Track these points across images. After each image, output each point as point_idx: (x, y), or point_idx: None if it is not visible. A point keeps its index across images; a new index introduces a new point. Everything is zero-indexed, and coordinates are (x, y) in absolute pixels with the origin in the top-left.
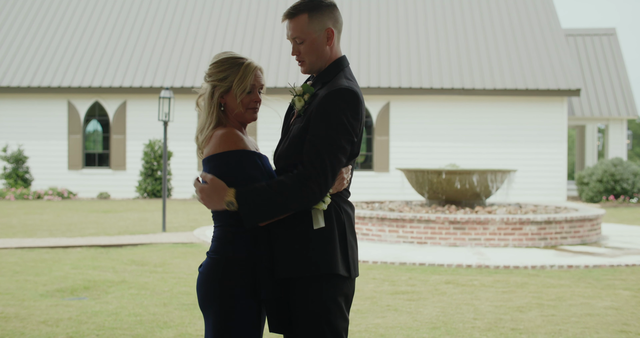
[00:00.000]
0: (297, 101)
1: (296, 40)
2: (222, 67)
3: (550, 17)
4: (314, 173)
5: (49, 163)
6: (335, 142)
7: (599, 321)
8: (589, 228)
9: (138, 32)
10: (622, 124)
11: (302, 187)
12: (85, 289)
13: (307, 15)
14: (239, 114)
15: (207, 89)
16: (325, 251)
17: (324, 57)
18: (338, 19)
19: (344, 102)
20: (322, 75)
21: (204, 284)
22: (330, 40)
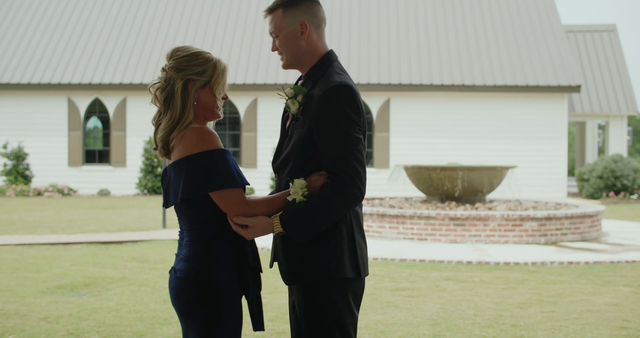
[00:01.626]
0: (291, 104)
1: (272, 34)
2: (197, 60)
3: (550, 13)
4: (347, 178)
5: (49, 159)
6: (349, 140)
7: (599, 317)
8: (589, 224)
9: (138, 29)
10: (623, 121)
11: (342, 194)
12: (86, 286)
13: (282, 9)
14: (211, 111)
15: (177, 83)
16: (334, 255)
17: (300, 51)
18: (316, 14)
19: (341, 98)
20: (311, 73)
21: (187, 290)
22: (304, 34)
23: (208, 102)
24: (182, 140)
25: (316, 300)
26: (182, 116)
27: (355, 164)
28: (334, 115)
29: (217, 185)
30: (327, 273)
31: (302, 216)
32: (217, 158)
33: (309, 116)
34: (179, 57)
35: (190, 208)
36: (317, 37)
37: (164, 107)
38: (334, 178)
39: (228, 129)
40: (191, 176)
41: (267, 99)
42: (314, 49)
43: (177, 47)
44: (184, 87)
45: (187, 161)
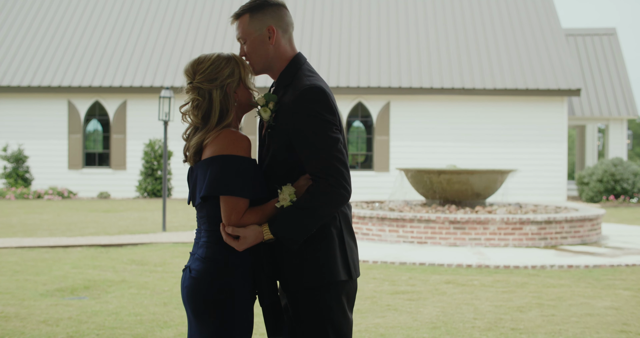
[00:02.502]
0: (262, 112)
1: (240, 40)
2: (222, 65)
3: (550, 16)
4: (331, 179)
5: (49, 162)
6: (328, 141)
7: (599, 321)
8: (589, 228)
9: (138, 32)
10: (622, 124)
11: (329, 196)
12: (86, 289)
13: (249, 15)
14: (247, 106)
15: (215, 94)
16: (327, 259)
17: (268, 56)
18: (283, 18)
19: (313, 101)
20: (281, 78)
21: (201, 291)
22: (272, 38)
23: (246, 97)
24: (217, 139)
25: (311, 305)
26: (222, 120)
27: (338, 164)
28: (308, 119)
29: (227, 190)
30: (321, 277)
31: (290, 221)
32: (241, 164)
33: (284, 124)
34: (204, 69)
35: (212, 208)
36: (285, 42)
37: (202, 122)
38: (319, 181)
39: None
40: (214, 176)
41: None
42: (283, 53)
43: (194, 60)
44: (224, 94)
45: (215, 160)
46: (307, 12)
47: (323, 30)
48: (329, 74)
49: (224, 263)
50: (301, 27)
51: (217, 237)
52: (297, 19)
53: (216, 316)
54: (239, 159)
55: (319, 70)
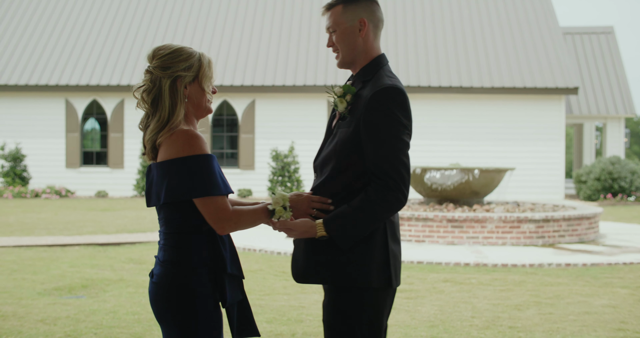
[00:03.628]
0: (339, 102)
1: (330, 29)
2: (182, 56)
3: (548, 15)
4: (392, 182)
5: (46, 161)
6: (397, 143)
7: (597, 319)
8: (587, 226)
9: (136, 30)
10: (620, 123)
11: (387, 199)
12: (83, 287)
13: (342, 6)
14: (202, 106)
15: (164, 83)
16: (363, 262)
17: (357, 48)
18: (375, 13)
19: (392, 101)
20: (362, 73)
21: (162, 295)
22: (363, 31)
23: (198, 97)
24: (169, 141)
25: (340, 305)
26: (172, 114)
27: (401, 168)
28: (384, 117)
29: (201, 192)
30: (353, 280)
31: (345, 220)
32: (202, 163)
33: (356, 116)
34: (162, 55)
35: (170, 211)
36: (374, 37)
37: (152, 109)
38: (377, 182)
39: (226, 131)
40: (176, 181)
41: (265, 101)
42: (369, 48)
43: (158, 46)
44: (172, 85)
45: (172, 164)
46: (310, 12)
47: (321, 28)
48: (334, 73)
49: (183, 266)
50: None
51: (176, 240)
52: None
53: (180, 321)
54: (201, 158)
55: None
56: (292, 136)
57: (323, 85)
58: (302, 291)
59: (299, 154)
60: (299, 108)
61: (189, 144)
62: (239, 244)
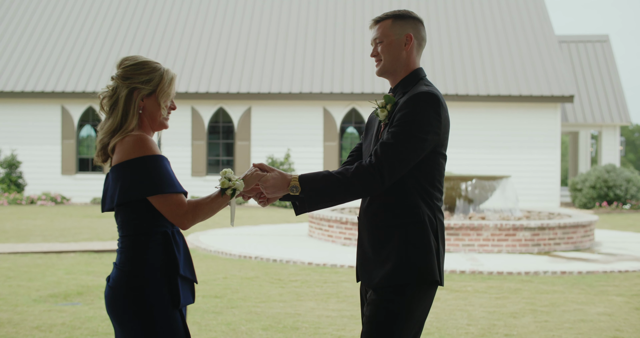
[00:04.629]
0: (380, 112)
1: (376, 40)
2: (144, 70)
3: (543, 23)
4: (377, 163)
5: (42, 168)
6: (411, 133)
7: (592, 327)
8: (582, 234)
9: (132, 37)
10: (615, 131)
11: (366, 173)
12: (79, 294)
13: (392, 20)
14: (157, 120)
15: (122, 91)
16: (426, 260)
17: (400, 60)
18: (420, 32)
19: (426, 102)
20: (403, 84)
21: (118, 299)
22: (408, 45)
23: (153, 111)
24: (120, 145)
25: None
26: (124, 122)
27: (394, 158)
28: (410, 113)
29: (155, 190)
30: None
31: (320, 180)
32: (153, 163)
33: (393, 119)
34: (126, 66)
35: (125, 213)
36: (416, 53)
37: (108, 114)
38: (370, 158)
39: (222, 138)
40: (128, 182)
41: (261, 108)
42: (411, 62)
43: (126, 56)
44: (128, 95)
45: (123, 166)
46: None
47: (317, 35)
48: (330, 81)
49: (138, 269)
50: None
51: (131, 241)
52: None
53: (138, 324)
54: (151, 158)
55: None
56: (288, 143)
57: (319, 92)
58: (297, 298)
59: (295, 161)
60: (295, 115)
61: (139, 146)
62: (235, 252)
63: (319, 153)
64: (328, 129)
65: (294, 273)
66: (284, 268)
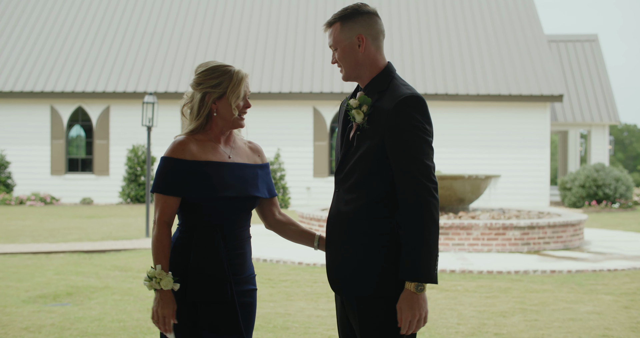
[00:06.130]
0: (355, 114)
1: (332, 47)
2: (214, 74)
3: (532, 23)
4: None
5: (31, 168)
6: (420, 156)
7: (582, 326)
8: (572, 233)
9: (122, 37)
10: (604, 130)
11: (425, 213)
12: (68, 295)
13: (340, 23)
14: (231, 121)
15: (197, 96)
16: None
17: (359, 63)
18: (373, 27)
19: (415, 110)
20: (375, 84)
21: None
22: (362, 46)
23: (226, 113)
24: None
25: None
26: (192, 123)
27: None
28: (409, 125)
29: (152, 188)
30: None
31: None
32: (163, 164)
33: (379, 128)
34: (199, 72)
35: None
36: (375, 49)
37: (189, 120)
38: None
39: None
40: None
41: (251, 108)
42: (372, 61)
43: (201, 63)
44: (201, 100)
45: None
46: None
47: (307, 35)
48: (320, 80)
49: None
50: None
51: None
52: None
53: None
54: (171, 160)
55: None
56: (278, 143)
57: (309, 92)
58: (288, 298)
59: (285, 161)
60: (285, 115)
61: (172, 148)
62: None
63: (309, 152)
64: (318, 129)
65: (284, 273)
66: (274, 268)
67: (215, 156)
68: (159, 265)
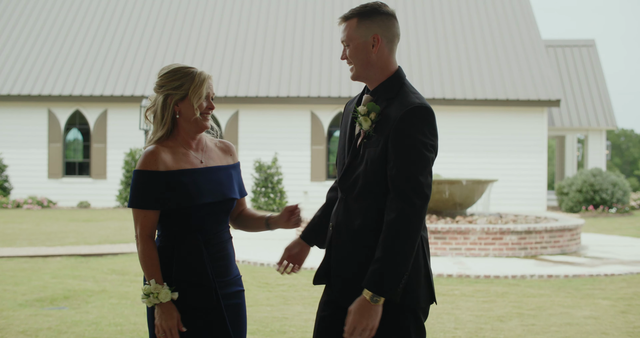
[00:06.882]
0: (363, 121)
1: (344, 43)
2: (175, 76)
3: (530, 28)
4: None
5: (28, 171)
6: (417, 172)
7: (579, 330)
8: (569, 238)
9: (119, 41)
10: (601, 135)
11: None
12: (65, 299)
13: (357, 20)
14: (194, 121)
15: (159, 99)
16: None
17: (370, 64)
18: (390, 29)
19: (421, 122)
20: (383, 90)
21: None
22: (376, 47)
23: (188, 114)
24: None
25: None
26: (157, 128)
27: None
28: (414, 138)
29: (129, 202)
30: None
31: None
32: (137, 177)
33: (384, 135)
34: (161, 75)
35: None
36: (389, 52)
37: (150, 124)
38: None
39: None
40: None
41: (249, 112)
42: (384, 63)
43: (164, 66)
44: (163, 102)
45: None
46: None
47: (305, 39)
48: (317, 84)
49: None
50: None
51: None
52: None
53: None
54: (145, 173)
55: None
56: (276, 147)
57: (307, 96)
58: (285, 302)
59: (283, 165)
60: (283, 119)
61: (140, 160)
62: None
63: (307, 156)
64: (315, 133)
65: (281, 277)
66: (271, 272)
67: (188, 163)
68: (152, 279)
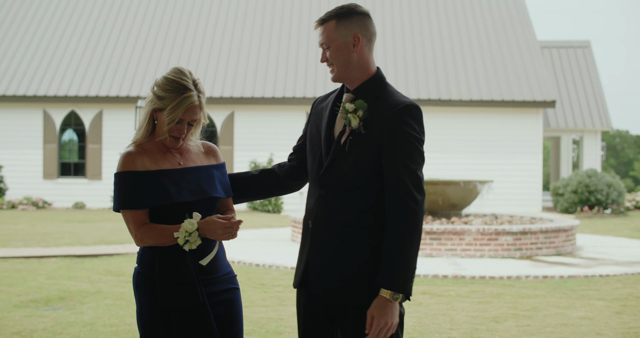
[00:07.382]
0: (352, 118)
1: (323, 46)
2: (167, 86)
3: (525, 29)
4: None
5: (23, 172)
6: (415, 167)
7: (574, 331)
8: (564, 238)
9: (115, 42)
10: (597, 136)
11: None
12: (60, 299)
13: (335, 21)
14: (160, 135)
15: (147, 99)
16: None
17: (352, 63)
18: (368, 28)
19: (413, 120)
20: (367, 89)
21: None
22: (357, 46)
23: (160, 126)
24: None
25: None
26: (140, 129)
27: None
28: (411, 135)
29: (116, 205)
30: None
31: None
32: (118, 180)
33: (375, 135)
34: (163, 77)
35: None
36: (368, 51)
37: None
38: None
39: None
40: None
41: (244, 112)
42: (365, 62)
43: (176, 67)
44: (148, 103)
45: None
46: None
47: (300, 40)
48: (313, 85)
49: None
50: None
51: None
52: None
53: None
54: (123, 175)
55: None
56: (271, 147)
57: (302, 97)
58: (280, 303)
59: None
60: (279, 120)
61: (119, 162)
62: None
63: None
64: None
65: (276, 277)
66: (267, 272)
67: (166, 164)
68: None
